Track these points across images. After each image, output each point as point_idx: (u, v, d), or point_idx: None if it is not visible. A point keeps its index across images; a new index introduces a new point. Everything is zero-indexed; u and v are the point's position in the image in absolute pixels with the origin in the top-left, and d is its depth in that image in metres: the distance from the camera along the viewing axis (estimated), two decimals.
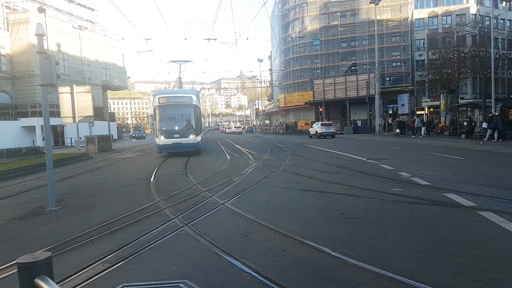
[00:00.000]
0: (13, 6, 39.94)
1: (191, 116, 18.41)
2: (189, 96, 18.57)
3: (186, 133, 17.98)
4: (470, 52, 32.61)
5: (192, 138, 18.01)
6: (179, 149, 17.88)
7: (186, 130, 18.10)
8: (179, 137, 17.80)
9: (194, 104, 18.55)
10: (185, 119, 18.37)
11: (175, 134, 17.83)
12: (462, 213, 5.80)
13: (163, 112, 18.10)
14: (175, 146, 17.78)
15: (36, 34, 7.14)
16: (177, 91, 20.71)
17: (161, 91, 20.26)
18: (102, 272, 3.90)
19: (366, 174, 10.16)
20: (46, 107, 7.56)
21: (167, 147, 17.96)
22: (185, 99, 18.44)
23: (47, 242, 5.00)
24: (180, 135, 17.86)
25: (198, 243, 4.80)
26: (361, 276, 3.63)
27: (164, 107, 18.07)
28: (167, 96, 18.55)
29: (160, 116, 18.04)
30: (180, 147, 17.78)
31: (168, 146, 17.91)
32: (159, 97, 18.15)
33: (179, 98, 18.53)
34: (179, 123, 18.16)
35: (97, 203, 7.74)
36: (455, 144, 21.64)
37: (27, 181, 11.68)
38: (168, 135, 17.79)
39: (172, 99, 18.35)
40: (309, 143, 26.42)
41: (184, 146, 17.85)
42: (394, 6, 50.64)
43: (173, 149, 18.06)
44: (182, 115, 18.34)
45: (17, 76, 38.22)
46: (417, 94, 48.00)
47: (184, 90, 21.99)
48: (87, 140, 25.22)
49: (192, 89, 20.35)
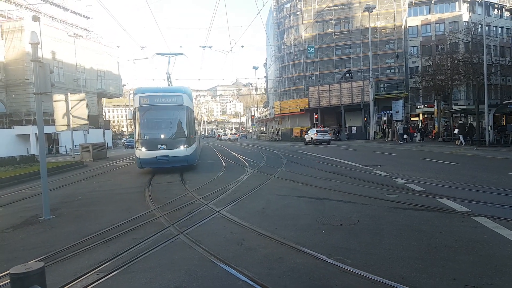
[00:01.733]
0: (8, 14, 39.92)
1: (182, 120, 14.30)
2: (179, 95, 14.27)
3: (175, 143, 13.87)
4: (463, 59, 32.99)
5: (182, 149, 13.91)
6: (165, 163, 13.78)
7: (175, 139, 13.96)
8: (166, 148, 13.70)
9: (186, 105, 14.29)
10: (174, 125, 14.33)
11: (160, 145, 13.72)
12: (457, 219, 5.83)
13: (145, 116, 14.03)
14: (161, 160, 13.61)
15: (31, 43, 7.14)
16: (164, 89, 16.06)
17: (144, 88, 15.35)
18: (97, 282, 3.86)
19: (362, 181, 10.18)
20: (40, 115, 7.54)
21: (150, 161, 13.79)
22: (174, 99, 14.26)
23: (41, 252, 4.95)
24: (167, 145, 13.74)
25: (193, 251, 4.77)
26: (356, 283, 3.63)
27: (147, 109, 13.99)
28: (151, 96, 14.16)
29: (141, 121, 13.90)
30: (167, 161, 13.67)
31: (151, 160, 13.70)
32: (140, 97, 13.92)
33: (167, 97, 14.32)
34: (166, 130, 14.11)
35: (91, 211, 7.68)
36: (449, 150, 21.79)
37: (21, 189, 11.57)
38: (151, 146, 13.70)
39: (157, 98, 14.14)
40: (304, 150, 26.47)
41: (173, 160, 13.74)
42: (388, 14, 51.24)
43: (157, 164, 13.91)
44: (170, 119, 14.27)
45: (11, 84, 38.07)
46: (411, 100, 48.37)
47: (173, 88, 17.05)
48: (82, 148, 25.08)
49: (183, 86, 15.78)
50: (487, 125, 25.26)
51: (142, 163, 14.00)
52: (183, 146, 13.94)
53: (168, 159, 13.63)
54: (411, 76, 48.69)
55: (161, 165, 13.85)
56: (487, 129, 25.24)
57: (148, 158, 13.69)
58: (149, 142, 13.82)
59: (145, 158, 13.75)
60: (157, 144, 13.74)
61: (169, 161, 13.68)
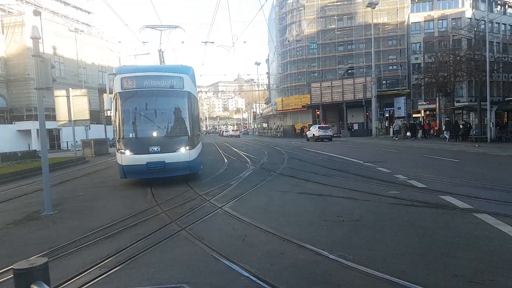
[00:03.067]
0: (8, 9, 39.82)
1: (182, 111, 10.46)
2: (179, 77, 10.41)
3: (174, 144, 10.07)
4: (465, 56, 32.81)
5: (184, 152, 10.04)
6: (160, 173, 9.89)
7: (174, 139, 10.18)
8: (160, 150, 9.80)
9: (187, 90, 10.45)
10: (172, 118, 10.52)
11: (152, 146, 9.84)
12: (459, 216, 5.82)
13: (130, 105, 10.11)
14: (153, 169, 9.71)
15: (32, 37, 7.13)
16: (157, 68, 11.94)
17: (128, 67, 11.66)
18: (99, 277, 3.87)
19: (363, 177, 10.18)
20: (41, 110, 7.54)
21: (138, 169, 9.81)
22: (172, 81, 10.37)
23: (43, 247, 4.96)
24: (163, 147, 9.88)
25: (195, 247, 4.78)
26: (358, 279, 3.63)
27: (132, 95, 10.10)
28: (138, 76, 10.17)
29: (124, 113, 10.07)
30: (163, 169, 9.80)
31: (139, 168, 9.75)
32: (123, 78, 9.98)
33: (161, 79, 10.32)
34: (160, 126, 10.20)
35: (93, 207, 7.70)
36: (451, 146, 21.74)
37: (22, 185, 11.60)
38: (139, 148, 9.85)
39: (147, 80, 10.16)
40: (306, 146, 26.46)
41: (170, 168, 9.88)
42: (391, 10, 50.93)
43: (148, 174, 9.95)
44: (166, 110, 10.50)
45: (12, 80, 38.04)
46: (414, 97, 48.17)
47: (170, 66, 12.21)
48: (84, 143, 25.12)
49: (183, 65, 11.50)
50: (489, 122, 25.20)
51: (126, 173, 9.78)
52: (185, 148, 9.96)
53: (164, 166, 9.66)
54: (413, 72, 48.45)
55: (153, 175, 9.84)
56: (488, 126, 25.18)
57: (135, 165, 9.64)
58: (136, 142, 9.84)
59: (130, 166, 9.68)
60: (148, 145, 9.69)
61: (165, 169, 9.71)
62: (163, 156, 9.76)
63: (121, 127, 9.99)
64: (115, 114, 10.31)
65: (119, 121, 10.03)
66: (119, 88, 9.99)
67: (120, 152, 9.84)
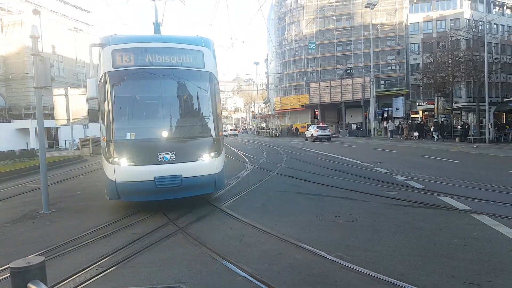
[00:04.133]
0: (8, 8, 39.72)
1: (203, 102, 7.41)
2: (197, 50, 7.28)
3: (193, 149, 6.98)
4: (464, 56, 32.89)
5: (208, 161, 6.98)
6: (174, 193, 6.75)
7: (193, 141, 7.07)
8: (175, 159, 6.64)
9: (209, 70, 7.31)
10: (188, 112, 7.45)
11: (163, 152, 6.62)
12: (457, 216, 5.84)
13: (125, 92, 7.03)
14: (165, 186, 6.52)
15: (31, 36, 7.11)
16: (164, 37, 8.08)
17: (123, 36, 7.20)
18: (96, 276, 3.87)
19: (362, 177, 10.19)
20: (40, 109, 7.52)
21: (141, 188, 6.53)
22: (187, 57, 7.19)
23: (40, 246, 4.95)
24: (178, 153, 6.70)
25: (193, 247, 4.78)
26: (356, 279, 3.63)
27: (130, 77, 6.91)
28: (139, 48, 6.97)
29: (117, 103, 6.82)
30: (178, 187, 6.62)
31: (142, 186, 6.51)
32: (115, 51, 6.77)
33: (171, 53, 7.12)
34: (171, 122, 7.12)
35: (91, 206, 7.68)
36: (449, 147, 21.79)
37: (20, 184, 11.57)
38: (142, 156, 6.65)
39: (151, 55, 6.95)
40: (305, 146, 26.46)
41: (189, 184, 6.74)
42: (389, 11, 50.99)
43: (157, 194, 6.71)
44: (179, 99, 7.44)
45: (11, 78, 37.95)
46: (412, 97, 48.27)
47: (181, 37, 7.78)
48: (81, 142, 25.07)
49: (200, 36, 7.49)
50: (487, 122, 25.25)
51: (121, 192, 6.50)
52: (209, 155, 6.93)
53: (181, 183, 6.53)
54: (412, 73, 48.55)
55: (164, 195, 6.70)
56: (487, 127, 25.24)
57: (137, 182, 6.44)
58: (137, 147, 6.65)
59: (129, 183, 6.44)
60: (156, 152, 6.55)
61: (181, 187, 6.57)
62: (180, 168, 6.49)
63: (112, 124, 6.54)
64: (103, 105, 6.74)
65: (110, 115, 6.56)
66: (109, 66, 6.62)
67: (112, 162, 6.39)
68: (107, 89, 6.70)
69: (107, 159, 6.62)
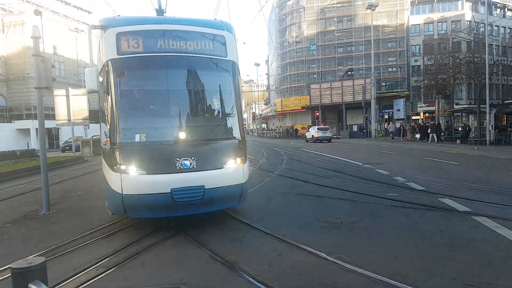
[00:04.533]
0: (9, 8, 39.80)
1: (226, 97, 6.13)
2: (218, 34, 6.03)
3: (217, 154, 5.75)
4: (465, 58, 32.87)
5: (235, 168, 5.76)
6: (194, 208, 5.48)
7: (216, 144, 5.91)
8: (196, 166, 5.35)
9: (231, 59, 6.10)
10: (210, 108, 6.30)
11: (181, 158, 5.29)
12: (457, 218, 5.83)
13: (133, 84, 5.77)
14: (184, 200, 5.24)
15: (32, 37, 7.13)
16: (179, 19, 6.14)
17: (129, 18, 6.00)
18: (97, 277, 3.87)
19: (362, 179, 10.18)
20: (41, 109, 7.53)
21: (154, 202, 5.24)
22: (207, 42, 5.93)
23: (41, 247, 4.95)
24: (199, 159, 5.41)
25: (193, 248, 4.78)
26: (356, 281, 3.63)
27: (138, 65, 5.71)
28: (150, 31, 5.72)
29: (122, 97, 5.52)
30: (200, 200, 5.34)
31: (156, 199, 5.21)
32: (120, 34, 5.47)
33: (188, 37, 5.80)
34: (190, 121, 5.85)
35: (92, 207, 7.68)
36: (450, 149, 21.77)
37: (21, 184, 11.58)
38: (155, 162, 5.36)
39: (164, 39, 5.65)
40: (305, 148, 26.46)
41: (213, 197, 5.48)
42: (390, 12, 51.03)
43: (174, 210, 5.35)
44: (198, 94, 6.14)
45: (12, 79, 38.02)
46: (413, 99, 48.27)
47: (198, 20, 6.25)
48: (82, 143, 25.10)
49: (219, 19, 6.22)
50: (488, 124, 25.25)
51: (129, 207, 5.32)
52: (235, 161, 5.81)
53: (203, 195, 5.37)
54: (412, 74, 48.57)
55: (181, 211, 5.46)
56: (488, 129, 25.24)
57: (149, 195, 5.26)
58: (149, 151, 5.51)
59: (139, 197, 5.26)
60: (173, 157, 5.35)
61: (203, 200, 5.41)
62: (202, 177, 5.34)
63: (118, 123, 5.33)
64: (106, 100, 5.63)
65: (114, 113, 5.37)
66: (113, 53, 5.46)
67: (117, 170, 5.19)
68: (111, 81, 5.43)
69: (111, 166, 5.35)
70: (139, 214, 5.57)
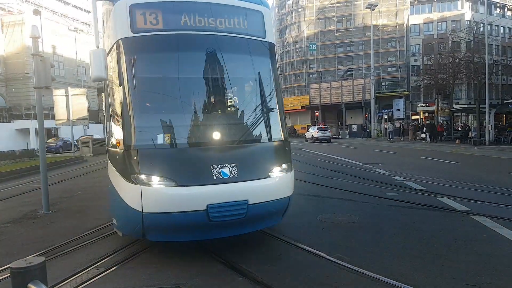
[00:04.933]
0: (8, 8, 39.77)
1: (267, 87, 4.94)
2: (254, 10, 4.87)
3: (261, 160, 4.60)
4: (464, 58, 32.92)
5: (282, 177, 4.55)
6: (233, 228, 4.31)
7: (259, 146, 4.76)
8: (238, 175, 4.15)
9: (270, 41, 4.97)
10: (249, 102, 4.97)
11: (218, 165, 4.10)
12: (457, 218, 5.83)
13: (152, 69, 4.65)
14: (223, 219, 4.05)
15: (31, 36, 7.12)
16: None
17: None
18: (96, 277, 3.87)
19: (362, 179, 10.19)
20: (40, 109, 7.52)
21: (184, 222, 4.02)
22: (241, 19, 4.74)
23: (41, 246, 4.95)
24: (240, 166, 4.22)
25: (192, 247, 4.77)
26: (355, 281, 3.63)
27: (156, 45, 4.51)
28: (170, 2, 4.58)
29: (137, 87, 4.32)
30: (243, 219, 4.16)
31: (187, 219, 3.97)
32: (134, 6, 4.29)
33: (219, 11, 4.62)
34: (224, 117, 4.83)
35: (91, 207, 7.68)
36: (450, 149, 21.78)
37: (20, 184, 11.57)
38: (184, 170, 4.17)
39: (190, 14, 4.44)
40: (305, 147, 26.46)
41: (257, 214, 4.30)
42: (390, 12, 51.05)
43: (208, 231, 4.21)
44: (232, 82, 4.85)
45: (11, 78, 37.98)
46: (412, 99, 48.31)
47: None
48: (82, 143, 25.08)
49: None
50: (487, 124, 25.28)
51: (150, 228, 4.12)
52: (282, 168, 4.65)
53: (246, 213, 4.15)
54: (412, 74, 48.59)
55: (218, 233, 4.32)
56: (487, 129, 25.26)
57: (178, 214, 3.97)
58: (176, 155, 4.40)
59: (164, 216, 3.99)
60: (209, 164, 4.15)
61: (246, 217, 4.19)
62: (245, 189, 4.23)
63: (134, 120, 4.24)
64: (116, 91, 4.57)
65: (129, 106, 4.26)
66: (126, 30, 4.34)
67: (135, 181, 4.04)
68: (123, 66, 4.28)
69: (125, 175, 4.16)
70: (163, 237, 4.30)
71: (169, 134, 4.33)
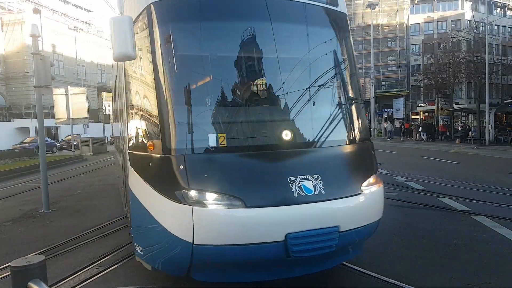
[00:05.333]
0: (8, 7, 39.74)
1: (345, 70, 3.76)
2: None
3: (351, 169, 3.52)
4: (465, 58, 32.90)
5: (374, 192, 3.33)
6: (317, 265, 3.17)
7: (347, 151, 3.57)
8: (324, 191, 2.95)
9: (344, 11, 3.91)
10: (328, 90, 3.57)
11: (295, 177, 2.91)
12: (456, 218, 5.84)
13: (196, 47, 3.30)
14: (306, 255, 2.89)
15: (31, 35, 7.12)
16: None
17: None
18: (96, 276, 3.87)
19: None
20: (40, 108, 7.52)
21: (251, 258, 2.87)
22: None
23: (41, 245, 4.95)
24: (325, 179, 3.00)
25: None
26: (356, 280, 3.64)
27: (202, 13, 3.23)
28: None
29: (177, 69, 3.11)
30: (331, 253, 3.00)
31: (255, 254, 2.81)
32: None
33: None
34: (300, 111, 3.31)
35: (91, 205, 7.68)
36: (450, 148, 21.78)
37: (20, 183, 11.58)
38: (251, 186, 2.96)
39: None
40: None
41: (347, 244, 3.17)
42: (390, 11, 51.01)
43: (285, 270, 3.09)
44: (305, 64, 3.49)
45: (11, 77, 37.95)
46: (412, 98, 48.28)
47: None
48: (82, 142, 25.08)
49: None
50: (487, 124, 25.28)
51: (199, 266, 2.98)
52: (373, 179, 3.42)
53: (337, 243, 2.94)
54: (412, 74, 48.56)
55: (297, 270, 3.14)
56: (487, 128, 25.27)
57: (245, 246, 2.78)
58: (239, 163, 3.12)
59: (225, 249, 2.80)
60: (284, 175, 2.96)
61: (336, 250, 3.00)
62: (335, 211, 3.07)
63: (173, 115, 3.04)
64: (148, 73, 3.28)
65: (166, 96, 3.06)
66: None
67: (183, 199, 2.82)
68: (156, 40, 3.14)
69: (165, 191, 2.96)
70: (215, 277, 3.12)
71: (226, 133, 3.09)
